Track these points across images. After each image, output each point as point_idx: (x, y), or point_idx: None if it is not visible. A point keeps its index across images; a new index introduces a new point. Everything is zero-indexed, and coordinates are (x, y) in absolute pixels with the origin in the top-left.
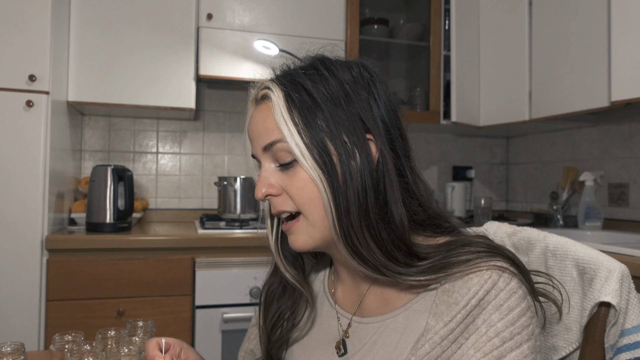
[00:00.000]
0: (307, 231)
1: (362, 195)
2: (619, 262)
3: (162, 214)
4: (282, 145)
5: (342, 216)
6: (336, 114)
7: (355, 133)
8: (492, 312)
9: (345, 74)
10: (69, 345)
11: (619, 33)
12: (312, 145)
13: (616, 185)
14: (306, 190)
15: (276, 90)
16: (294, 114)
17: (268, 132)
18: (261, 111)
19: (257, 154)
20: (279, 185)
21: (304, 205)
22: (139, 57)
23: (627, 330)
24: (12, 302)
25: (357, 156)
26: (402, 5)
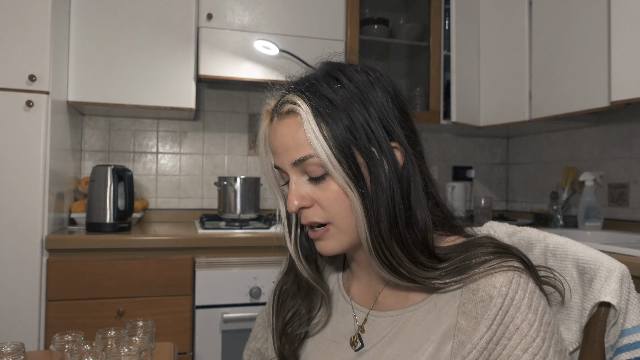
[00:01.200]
0: (337, 238)
1: (391, 204)
2: (619, 262)
3: (162, 214)
4: (314, 160)
5: (373, 227)
6: (360, 122)
7: (381, 141)
8: (528, 312)
9: (362, 78)
10: (69, 345)
11: (619, 33)
12: (342, 157)
13: (616, 185)
14: (339, 201)
15: (302, 104)
16: (322, 128)
17: (298, 147)
18: (288, 126)
19: (283, 167)
20: (310, 197)
21: (336, 216)
22: (139, 57)
23: (627, 330)
24: (12, 302)
25: (385, 165)
26: (402, 5)
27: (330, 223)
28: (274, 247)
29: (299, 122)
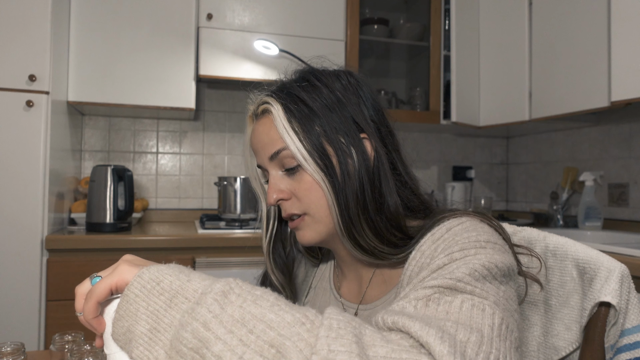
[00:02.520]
0: (313, 227)
1: (359, 191)
2: (619, 262)
3: (162, 214)
4: (286, 153)
5: (343, 212)
6: (331, 118)
7: (350, 134)
8: (459, 230)
9: (335, 83)
10: (69, 345)
11: (619, 33)
12: (313, 149)
13: (616, 185)
14: (312, 191)
15: (275, 104)
16: (293, 123)
17: (272, 142)
18: (263, 124)
19: (263, 164)
20: (287, 189)
21: (311, 205)
22: (139, 57)
23: (627, 330)
24: (12, 302)
25: (354, 155)
26: (402, 5)
27: (306, 213)
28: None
29: (271, 119)
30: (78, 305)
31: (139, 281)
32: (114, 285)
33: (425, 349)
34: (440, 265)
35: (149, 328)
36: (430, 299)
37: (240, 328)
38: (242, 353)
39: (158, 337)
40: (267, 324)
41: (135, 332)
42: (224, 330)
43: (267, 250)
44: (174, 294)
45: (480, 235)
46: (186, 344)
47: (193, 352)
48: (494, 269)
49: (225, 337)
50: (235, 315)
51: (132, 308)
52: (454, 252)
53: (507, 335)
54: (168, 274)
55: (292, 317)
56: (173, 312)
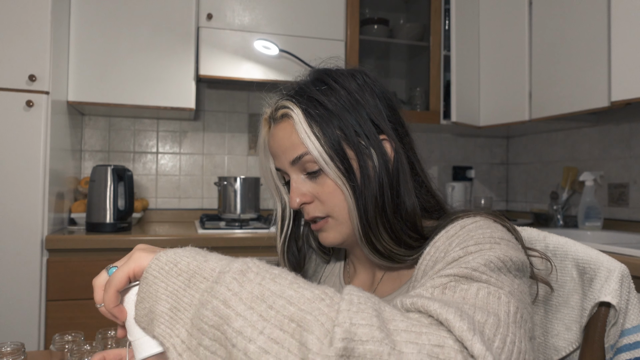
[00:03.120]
0: (337, 229)
1: (379, 194)
2: (619, 262)
3: (162, 214)
4: (308, 158)
5: (362, 217)
6: (350, 120)
7: (370, 136)
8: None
9: (352, 83)
10: (69, 345)
11: (619, 33)
12: (334, 153)
13: (616, 185)
14: (335, 195)
15: (295, 108)
16: (314, 128)
17: (294, 147)
18: (283, 129)
19: (284, 167)
20: (309, 193)
21: (335, 208)
22: (139, 57)
23: (627, 330)
24: (12, 302)
25: (374, 157)
26: (402, 5)
27: (330, 215)
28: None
29: (292, 124)
30: (97, 297)
31: (157, 263)
32: (131, 272)
33: (444, 325)
34: (455, 257)
35: (170, 307)
36: (446, 287)
37: (260, 304)
38: (263, 328)
39: (179, 316)
40: (286, 299)
41: (156, 312)
42: (244, 307)
43: (281, 249)
44: (191, 274)
45: (494, 232)
46: (207, 322)
47: (214, 329)
48: (508, 262)
49: (245, 313)
50: (255, 292)
51: (152, 289)
52: (469, 246)
53: (521, 323)
54: (185, 255)
55: (311, 294)
56: (192, 291)
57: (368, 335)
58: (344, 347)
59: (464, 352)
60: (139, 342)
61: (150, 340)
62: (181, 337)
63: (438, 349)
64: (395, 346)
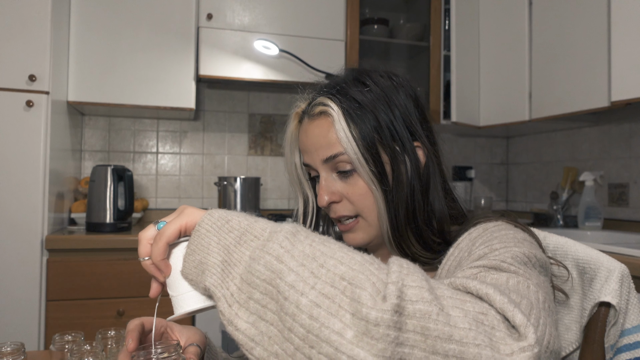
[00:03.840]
0: (366, 230)
1: (410, 199)
2: (619, 262)
3: (162, 214)
4: (343, 157)
5: (392, 221)
6: (386, 123)
7: (404, 140)
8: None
9: (389, 85)
10: (69, 345)
11: (619, 33)
12: (369, 155)
13: (616, 185)
14: (366, 196)
15: (334, 106)
16: (352, 128)
17: (329, 145)
18: (320, 126)
19: (314, 164)
20: (339, 192)
21: (365, 210)
22: (139, 57)
23: (627, 330)
24: (12, 302)
25: (407, 162)
26: (402, 5)
27: (360, 216)
28: None
29: (330, 122)
30: (143, 250)
31: (209, 218)
32: (183, 225)
33: (485, 299)
34: (481, 254)
35: (221, 260)
36: (477, 277)
37: (312, 262)
38: (314, 284)
39: (229, 270)
40: (337, 260)
41: (208, 263)
42: (296, 263)
43: None
44: (242, 232)
45: (517, 234)
46: (259, 276)
47: (266, 284)
48: (533, 259)
49: (297, 269)
50: (306, 251)
51: (204, 242)
52: (494, 244)
53: (549, 312)
54: (235, 215)
55: (361, 257)
56: (242, 248)
57: (418, 296)
58: (397, 304)
59: (505, 322)
60: (183, 296)
61: (195, 295)
62: (230, 291)
63: (482, 315)
64: (443, 308)
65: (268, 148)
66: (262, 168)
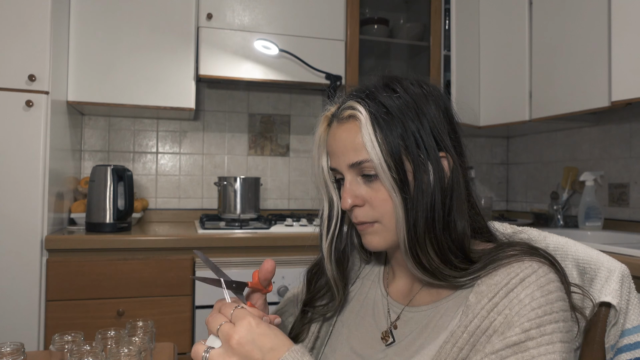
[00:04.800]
0: (383, 235)
1: (430, 209)
2: (619, 262)
3: (162, 214)
4: (368, 164)
5: (410, 229)
6: (412, 131)
7: (429, 149)
8: (535, 289)
9: (417, 90)
10: (68, 345)
11: (619, 33)
12: (392, 162)
13: (616, 185)
14: (387, 203)
15: (362, 110)
16: (378, 134)
17: (356, 151)
18: (348, 130)
19: (339, 167)
20: (362, 196)
21: (385, 215)
22: (139, 57)
23: (628, 331)
24: (12, 302)
25: (430, 172)
26: (402, 5)
27: (378, 221)
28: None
29: (358, 127)
30: None
31: None
32: None
33: None
34: (515, 341)
35: None
36: None
37: None
38: None
39: None
40: None
41: None
42: None
43: (328, 250)
44: None
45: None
46: None
47: None
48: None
49: None
50: None
51: None
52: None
53: None
54: None
55: None
56: None
57: None
58: None
59: None
60: None
61: None
62: None
63: None
64: None
65: (268, 148)
66: (262, 168)
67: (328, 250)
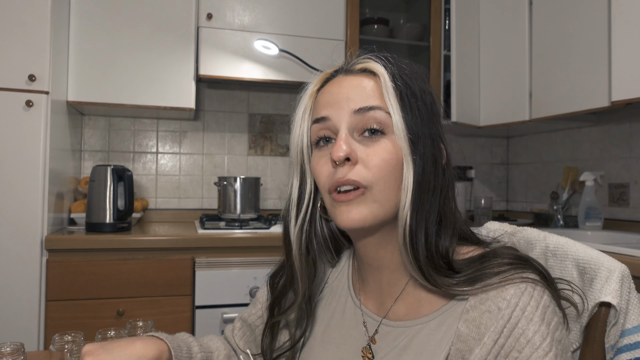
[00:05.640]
0: (370, 206)
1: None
2: (619, 262)
3: (162, 214)
4: (379, 114)
5: (417, 200)
6: (424, 110)
7: (434, 134)
8: (540, 324)
9: (426, 82)
10: (68, 345)
11: (619, 33)
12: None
13: (616, 185)
14: (389, 165)
15: (381, 68)
16: (396, 91)
17: (369, 97)
18: (360, 79)
19: (337, 117)
20: (357, 154)
21: (380, 181)
22: (139, 57)
23: (628, 331)
24: (12, 302)
25: (444, 156)
26: (402, 5)
27: (369, 188)
28: (274, 247)
29: (373, 79)
30: None
31: None
32: None
33: None
34: None
35: None
36: None
37: None
38: None
39: None
40: None
41: None
42: None
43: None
44: None
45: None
46: None
47: None
48: None
49: None
50: None
51: None
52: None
53: None
54: None
55: None
56: None
57: None
58: None
59: None
60: None
61: None
62: None
63: None
64: None
65: (268, 148)
66: (262, 168)
67: (298, 236)
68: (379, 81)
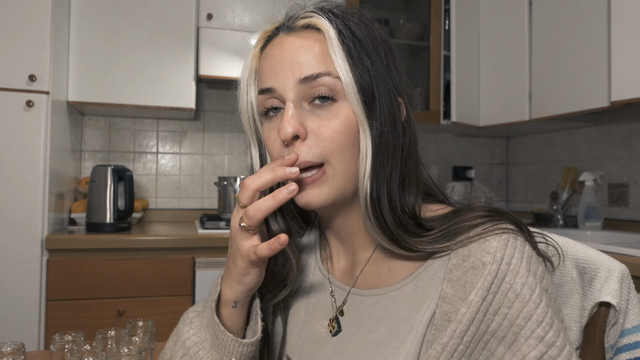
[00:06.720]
0: (333, 182)
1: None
2: (619, 262)
3: (162, 214)
4: (327, 80)
5: (376, 167)
6: (378, 63)
7: (391, 90)
8: (527, 276)
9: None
10: (69, 345)
11: (619, 33)
12: (361, 86)
13: (616, 185)
14: (344, 133)
15: (326, 23)
16: (344, 49)
17: (315, 61)
18: (304, 38)
19: (282, 87)
20: (307, 126)
21: (335, 152)
22: (139, 57)
23: (627, 330)
24: (12, 302)
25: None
26: (402, 5)
27: (327, 162)
28: None
29: (319, 38)
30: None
31: None
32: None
33: None
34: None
35: None
36: None
37: None
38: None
39: None
40: None
41: None
42: None
43: None
44: None
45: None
46: None
47: None
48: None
49: None
50: None
51: None
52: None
53: None
54: None
55: None
56: None
57: None
58: None
59: None
60: None
61: None
62: None
63: None
64: None
65: None
66: None
67: None
68: (324, 39)
